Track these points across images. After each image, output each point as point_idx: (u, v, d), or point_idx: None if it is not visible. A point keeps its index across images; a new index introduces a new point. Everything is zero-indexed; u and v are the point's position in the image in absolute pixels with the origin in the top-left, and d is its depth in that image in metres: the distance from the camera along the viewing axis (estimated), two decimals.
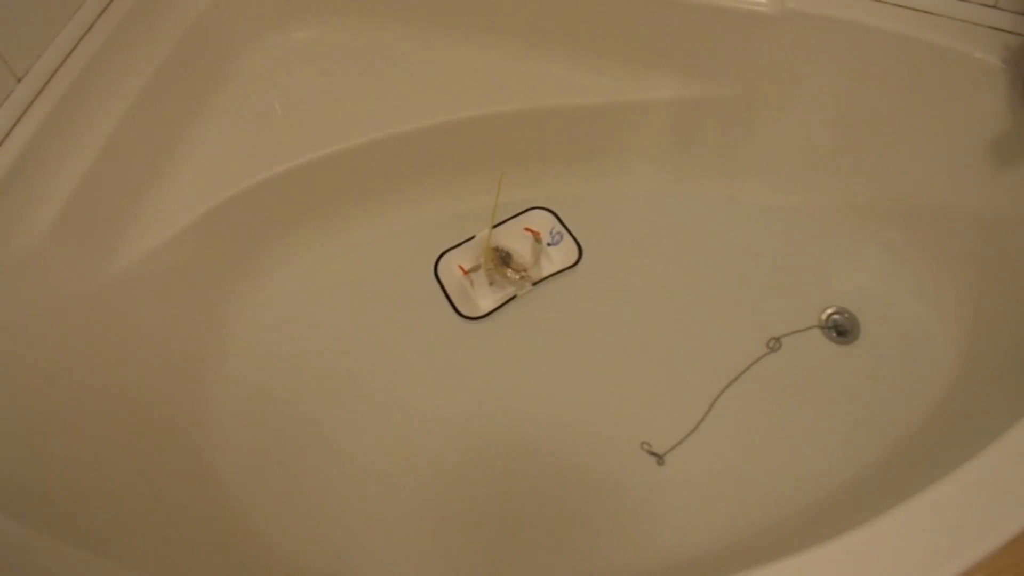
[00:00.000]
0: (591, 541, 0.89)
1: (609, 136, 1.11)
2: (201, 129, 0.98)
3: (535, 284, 1.06)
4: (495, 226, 1.10)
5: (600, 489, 0.92)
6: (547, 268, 1.08)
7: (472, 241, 1.10)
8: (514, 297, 1.06)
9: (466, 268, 1.06)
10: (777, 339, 1.02)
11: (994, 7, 0.90)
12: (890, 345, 1.01)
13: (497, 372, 1.01)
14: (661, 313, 1.05)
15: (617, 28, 1.01)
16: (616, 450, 0.94)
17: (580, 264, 1.08)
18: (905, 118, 0.99)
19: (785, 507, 0.89)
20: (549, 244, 1.09)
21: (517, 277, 1.03)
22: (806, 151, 1.09)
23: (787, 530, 0.86)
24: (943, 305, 1.02)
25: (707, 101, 1.06)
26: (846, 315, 1.04)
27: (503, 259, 1.04)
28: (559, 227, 1.11)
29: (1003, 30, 0.90)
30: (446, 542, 0.89)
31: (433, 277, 1.08)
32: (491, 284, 1.06)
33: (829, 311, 1.04)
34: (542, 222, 1.12)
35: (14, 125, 0.77)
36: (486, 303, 1.05)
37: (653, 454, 0.94)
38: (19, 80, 0.78)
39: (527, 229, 1.09)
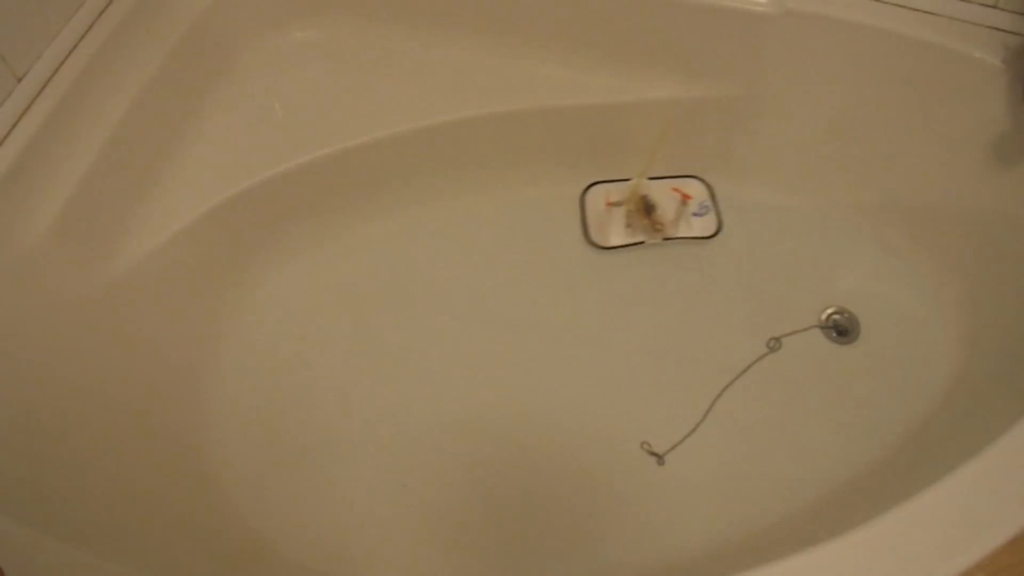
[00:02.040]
0: (591, 540, 0.89)
1: (609, 136, 1.11)
2: (201, 129, 0.98)
3: (666, 240, 1.10)
4: (651, 179, 1.13)
5: (600, 489, 0.92)
6: (683, 231, 1.10)
7: (625, 183, 1.14)
8: (642, 243, 1.09)
9: (612, 202, 1.12)
10: (777, 339, 1.02)
11: (994, 7, 0.90)
12: (890, 345, 1.01)
13: (496, 373, 1.01)
14: (661, 313, 1.05)
15: (617, 28, 1.01)
16: (616, 450, 0.94)
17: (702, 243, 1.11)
18: (905, 118, 0.99)
19: (785, 507, 0.89)
20: (694, 214, 1.11)
21: (653, 228, 1.08)
22: (806, 151, 1.09)
23: (787, 530, 0.86)
24: (943, 305, 1.02)
25: (707, 101, 1.06)
26: (846, 315, 1.04)
27: (647, 208, 1.09)
28: (709, 202, 1.12)
29: (1003, 30, 0.90)
30: (446, 542, 0.89)
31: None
32: (627, 226, 1.10)
33: (829, 311, 1.04)
34: (695, 191, 1.14)
35: (14, 125, 0.77)
36: (616, 238, 1.10)
37: (653, 454, 0.94)
38: (19, 80, 0.78)
39: (675, 189, 1.12)
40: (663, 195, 1.12)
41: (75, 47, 0.85)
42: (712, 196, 1.14)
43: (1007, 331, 0.92)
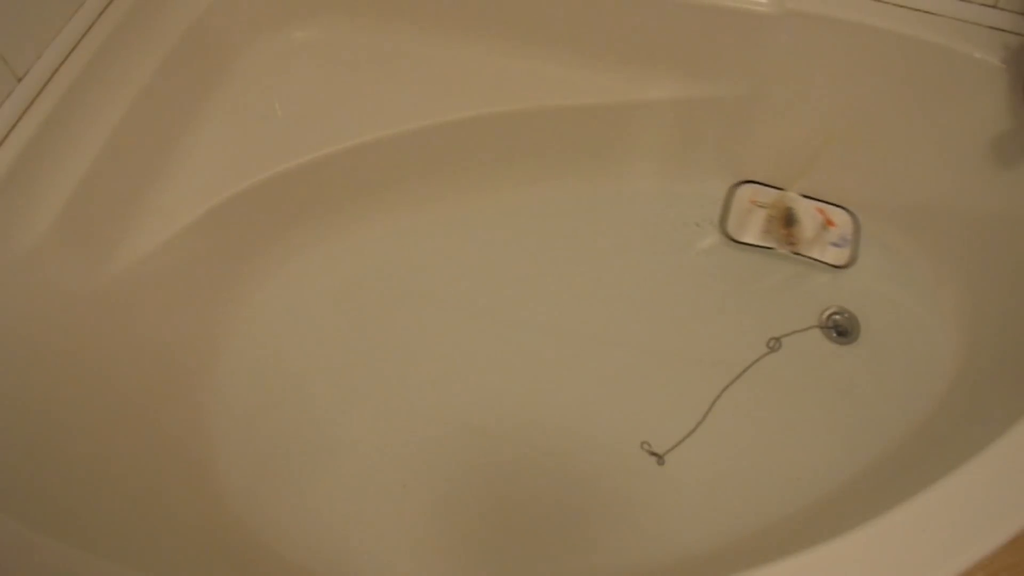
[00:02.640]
0: (591, 541, 0.89)
1: (609, 136, 1.11)
2: (201, 129, 0.98)
3: (795, 254, 1.09)
4: (804, 196, 1.13)
5: (600, 489, 0.92)
6: (816, 252, 1.09)
7: (776, 191, 1.14)
8: (771, 248, 1.09)
9: (756, 201, 1.13)
10: (777, 339, 1.02)
11: (994, 7, 0.90)
12: (890, 345, 1.01)
13: (496, 373, 1.01)
14: (661, 313, 1.05)
15: (617, 28, 1.01)
16: (616, 450, 0.94)
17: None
18: (905, 118, 0.99)
19: (785, 507, 0.89)
20: (833, 244, 1.10)
21: (787, 240, 1.08)
22: (806, 151, 1.09)
23: (787, 530, 0.86)
24: (943, 305, 1.02)
25: (707, 101, 1.06)
26: (846, 315, 1.04)
27: (787, 219, 1.08)
28: (851, 237, 1.10)
29: (1003, 30, 0.90)
30: (446, 542, 0.89)
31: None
32: (765, 231, 1.10)
33: (829, 311, 1.04)
34: (841, 221, 1.12)
35: (14, 125, 0.77)
36: (750, 236, 1.10)
37: (653, 454, 0.94)
38: (19, 80, 0.78)
39: (821, 211, 1.12)
40: (807, 214, 1.10)
41: (75, 47, 0.85)
42: (856, 232, 1.11)
43: (1007, 331, 0.92)
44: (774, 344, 1.02)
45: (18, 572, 0.57)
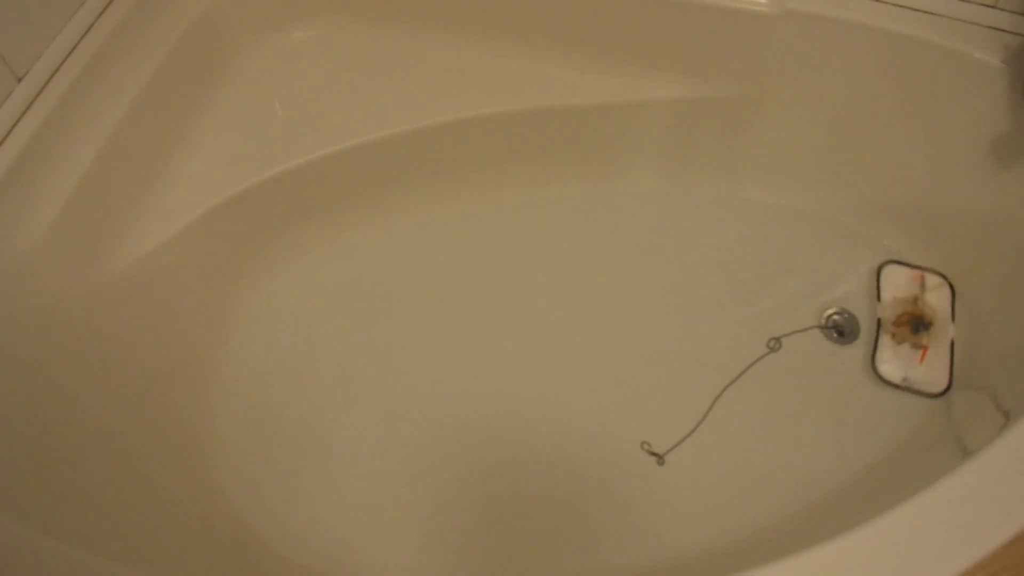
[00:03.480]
0: (591, 541, 0.89)
1: (609, 136, 1.11)
2: (201, 129, 0.98)
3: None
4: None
5: (600, 489, 0.92)
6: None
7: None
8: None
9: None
10: (777, 339, 1.02)
11: (994, 7, 0.90)
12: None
13: (496, 373, 1.01)
14: (661, 313, 1.05)
15: (617, 28, 1.01)
16: (616, 450, 0.94)
17: None
18: (905, 118, 0.99)
19: (785, 507, 0.89)
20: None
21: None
22: (806, 151, 1.09)
23: (787, 530, 0.86)
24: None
25: (707, 101, 1.06)
26: (846, 315, 1.04)
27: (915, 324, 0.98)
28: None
29: (1003, 30, 0.90)
30: (446, 542, 0.89)
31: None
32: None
33: (829, 311, 1.04)
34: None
35: (14, 125, 0.77)
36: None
37: (653, 454, 0.94)
38: (19, 80, 0.78)
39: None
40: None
41: (75, 47, 0.85)
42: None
43: (1007, 331, 0.92)
44: (774, 344, 1.02)
45: (18, 572, 0.57)
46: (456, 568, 0.87)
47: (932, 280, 1.01)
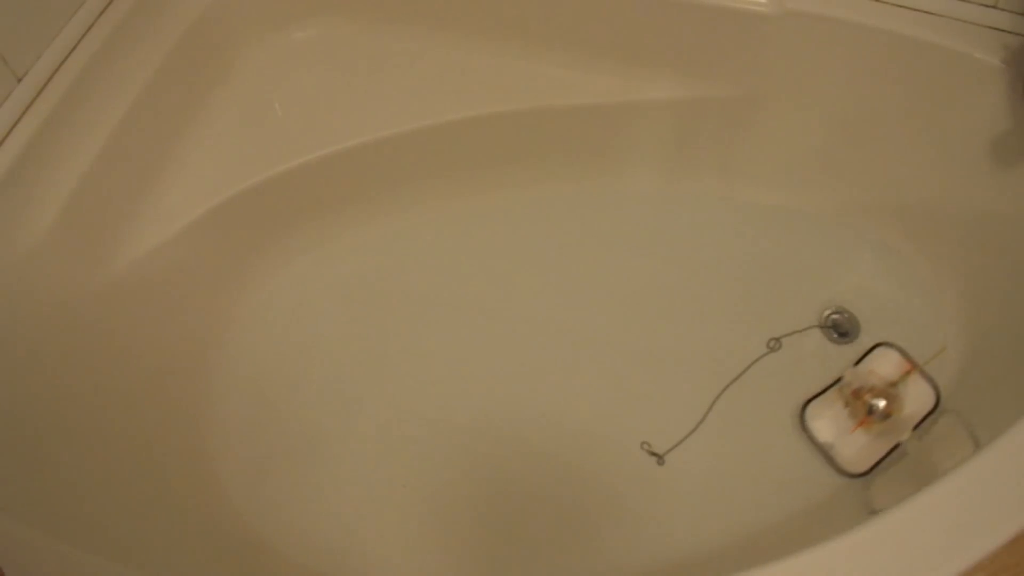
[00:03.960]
0: (591, 541, 0.89)
1: (609, 136, 1.11)
2: (201, 129, 0.98)
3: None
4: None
5: (600, 489, 0.92)
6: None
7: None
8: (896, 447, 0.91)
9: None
10: (777, 339, 1.02)
11: (994, 7, 0.90)
12: (890, 345, 1.01)
13: (496, 372, 1.01)
14: (661, 313, 1.05)
15: (617, 28, 1.01)
16: (616, 450, 0.94)
17: None
18: (905, 118, 0.99)
19: (785, 507, 0.89)
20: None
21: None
22: (806, 151, 1.09)
23: (787, 530, 0.86)
24: (943, 305, 1.02)
25: (706, 101, 1.06)
26: (846, 315, 1.04)
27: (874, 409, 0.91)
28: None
29: (1003, 30, 0.90)
30: (446, 542, 0.89)
31: None
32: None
33: (829, 311, 1.04)
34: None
35: (14, 125, 0.77)
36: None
37: (653, 454, 0.94)
38: (19, 80, 0.78)
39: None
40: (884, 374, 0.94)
41: (75, 47, 0.85)
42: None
43: (1007, 331, 0.92)
44: (774, 344, 1.02)
45: (18, 572, 0.57)
46: (456, 566, 0.87)
47: (919, 383, 0.94)
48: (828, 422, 0.94)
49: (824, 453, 0.92)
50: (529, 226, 1.14)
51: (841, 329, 1.03)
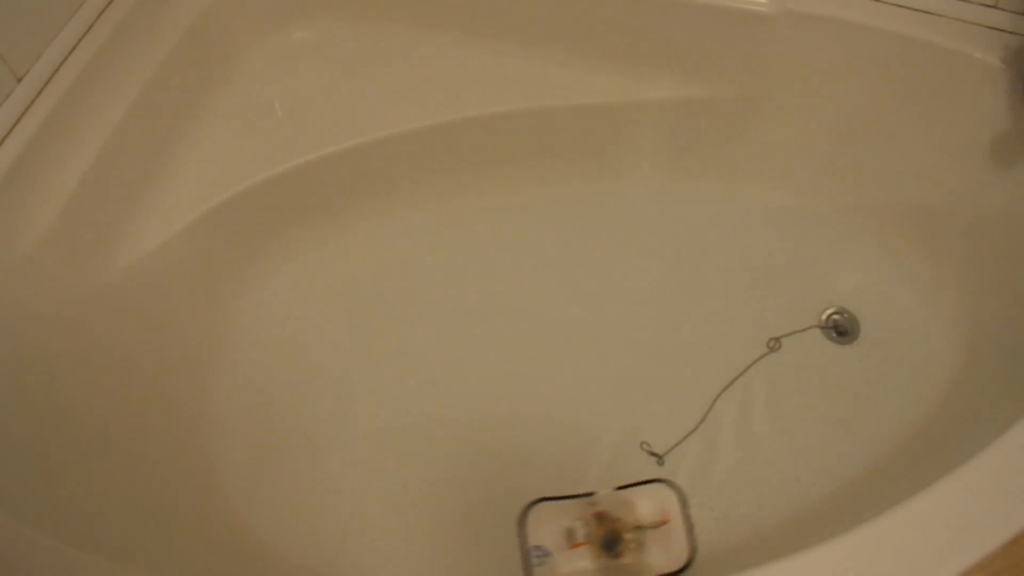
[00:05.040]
0: None
1: (609, 136, 1.11)
2: (201, 129, 0.98)
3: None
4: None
5: (600, 489, 0.92)
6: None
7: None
8: None
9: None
10: (777, 339, 1.02)
11: (994, 7, 0.90)
12: (890, 345, 1.01)
13: (496, 372, 1.01)
14: (661, 313, 1.05)
15: (617, 28, 1.01)
16: (616, 450, 0.94)
17: None
18: (905, 118, 0.99)
19: (785, 507, 0.89)
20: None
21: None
22: (806, 151, 1.09)
23: (787, 530, 0.86)
24: (943, 305, 1.02)
25: (707, 101, 1.06)
26: (846, 315, 1.04)
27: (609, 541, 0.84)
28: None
29: (1003, 30, 0.90)
30: (445, 542, 0.89)
31: None
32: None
33: (829, 311, 1.04)
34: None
35: (14, 125, 0.77)
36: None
37: (653, 454, 0.94)
38: (19, 80, 0.78)
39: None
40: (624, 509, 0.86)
41: (75, 47, 0.85)
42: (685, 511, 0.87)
43: (1007, 331, 0.92)
44: (774, 344, 1.02)
45: (18, 572, 0.57)
46: (455, 566, 0.87)
47: (677, 538, 0.84)
48: (551, 529, 0.85)
49: (526, 558, 0.83)
50: (529, 226, 1.14)
51: (841, 329, 1.03)
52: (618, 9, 0.99)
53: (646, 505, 0.87)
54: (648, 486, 0.88)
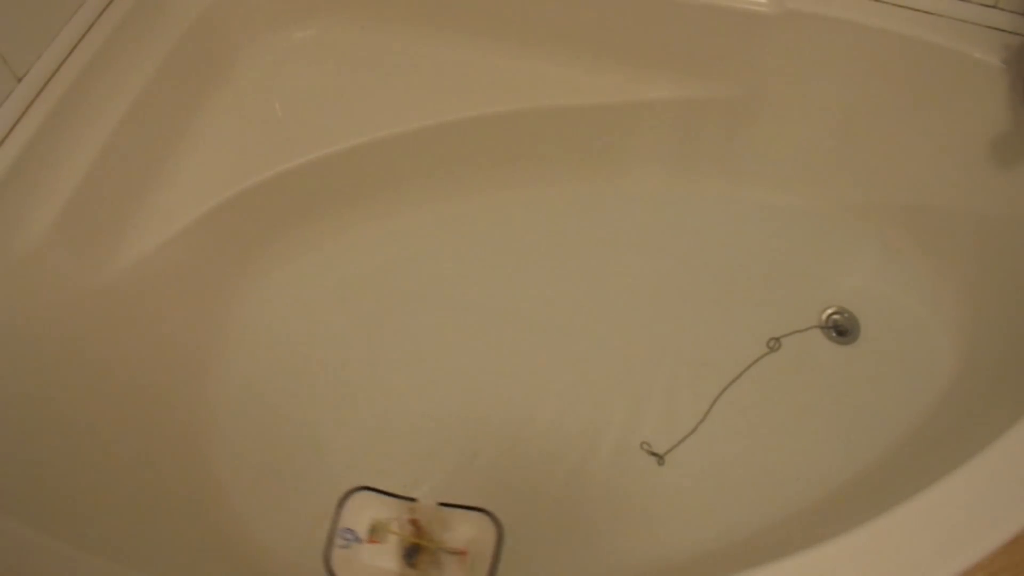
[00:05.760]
0: (590, 541, 0.89)
1: (609, 136, 1.11)
2: (201, 129, 0.98)
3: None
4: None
5: (600, 489, 0.92)
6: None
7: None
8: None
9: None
10: (777, 339, 1.02)
11: (994, 7, 0.90)
12: (890, 345, 1.01)
13: (496, 372, 1.01)
14: (661, 313, 1.05)
15: (617, 28, 1.01)
16: (616, 450, 0.94)
17: None
18: (905, 118, 0.99)
19: (785, 507, 0.89)
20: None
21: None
22: (806, 151, 1.09)
23: (787, 530, 0.86)
24: (943, 305, 1.02)
25: (707, 101, 1.06)
26: (846, 315, 1.04)
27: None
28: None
29: (1003, 30, 0.90)
30: None
31: None
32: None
33: (829, 311, 1.04)
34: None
35: (14, 125, 0.77)
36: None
37: (653, 454, 0.94)
38: (19, 80, 0.78)
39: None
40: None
41: (75, 47, 0.85)
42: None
43: (1007, 331, 0.92)
44: (774, 344, 1.02)
45: (18, 572, 0.57)
46: None
47: (477, 570, 0.83)
48: (365, 518, 0.85)
49: (331, 537, 0.82)
50: (529, 226, 1.14)
51: (841, 329, 1.03)
52: (618, 9, 0.99)
53: (463, 530, 0.86)
54: (473, 513, 0.86)
